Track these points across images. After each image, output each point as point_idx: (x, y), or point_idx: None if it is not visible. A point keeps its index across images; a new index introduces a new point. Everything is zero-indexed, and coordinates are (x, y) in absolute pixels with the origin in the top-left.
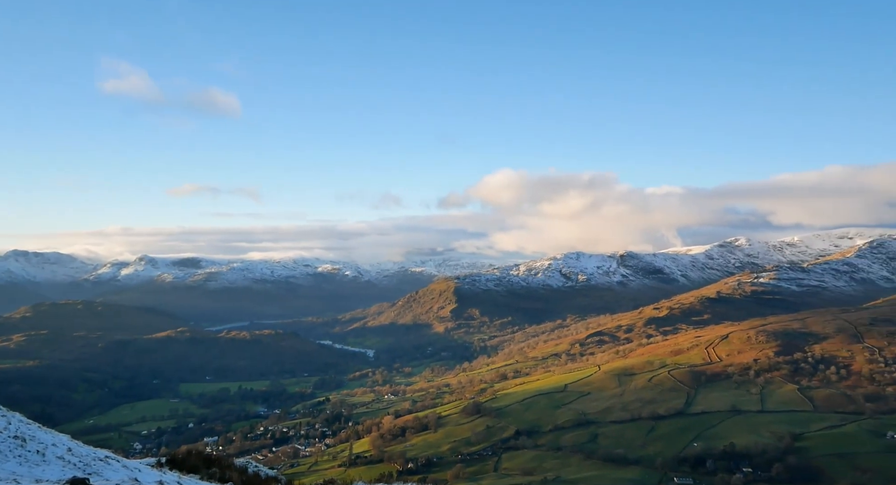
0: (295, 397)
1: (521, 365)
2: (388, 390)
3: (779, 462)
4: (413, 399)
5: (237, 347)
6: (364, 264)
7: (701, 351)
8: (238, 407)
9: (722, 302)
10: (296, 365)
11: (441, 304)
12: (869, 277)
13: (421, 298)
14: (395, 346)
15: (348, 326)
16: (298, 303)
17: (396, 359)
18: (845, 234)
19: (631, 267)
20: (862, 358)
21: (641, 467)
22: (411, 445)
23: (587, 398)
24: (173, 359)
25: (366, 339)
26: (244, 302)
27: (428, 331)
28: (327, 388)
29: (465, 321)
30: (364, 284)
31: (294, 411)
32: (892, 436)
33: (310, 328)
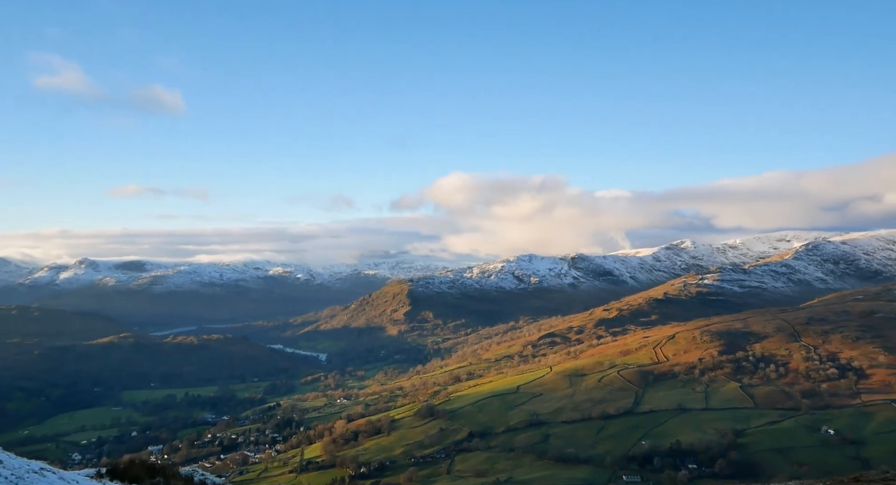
0: (245, 402)
1: (474, 367)
2: (341, 393)
3: (722, 458)
4: (366, 403)
5: (184, 352)
6: (316, 267)
7: (649, 351)
8: (185, 414)
9: (669, 303)
10: (245, 370)
11: (395, 306)
12: (805, 279)
13: (374, 300)
14: (348, 349)
15: (300, 330)
16: (249, 307)
17: (349, 362)
18: (783, 236)
19: (582, 269)
20: (799, 356)
21: (592, 466)
22: (364, 449)
23: (539, 399)
24: (116, 365)
25: (318, 342)
26: (192, 306)
27: (381, 334)
28: (278, 393)
29: (418, 324)
30: (316, 287)
31: (243, 417)
32: (825, 430)
33: (260, 332)
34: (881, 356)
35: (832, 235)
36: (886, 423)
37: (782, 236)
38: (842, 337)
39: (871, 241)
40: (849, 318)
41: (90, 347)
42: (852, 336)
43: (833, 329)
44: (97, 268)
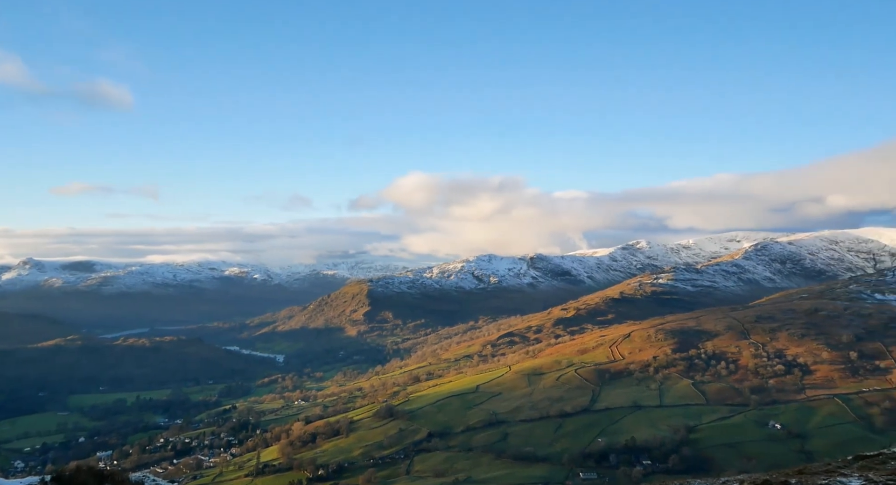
0: (199, 405)
1: (434, 367)
2: (299, 395)
3: (675, 454)
4: (324, 404)
5: (135, 354)
6: (274, 267)
7: (605, 350)
8: (136, 418)
9: (625, 302)
10: (200, 372)
11: (354, 307)
12: (754, 278)
13: (333, 301)
14: (307, 350)
15: (257, 331)
16: (204, 308)
17: (307, 364)
18: (734, 237)
19: (540, 269)
20: (748, 353)
21: (549, 464)
22: (322, 451)
23: (498, 398)
24: (62, 369)
25: (275, 344)
26: (144, 308)
27: (340, 334)
28: (234, 395)
29: (378, 324)
30: (274, 287)
31: (198, 420)
32: (773, 425)
33: (216, 334)
34: (824, 353)
35: (779, 235)
36: (829, 417)
37: (732, 237)
38: (788, 334)
39: (816, 241)
40: (794, 316)
41: (34, 350)
42: (798, 333)
43: (780, 327)
44: (42, 268)
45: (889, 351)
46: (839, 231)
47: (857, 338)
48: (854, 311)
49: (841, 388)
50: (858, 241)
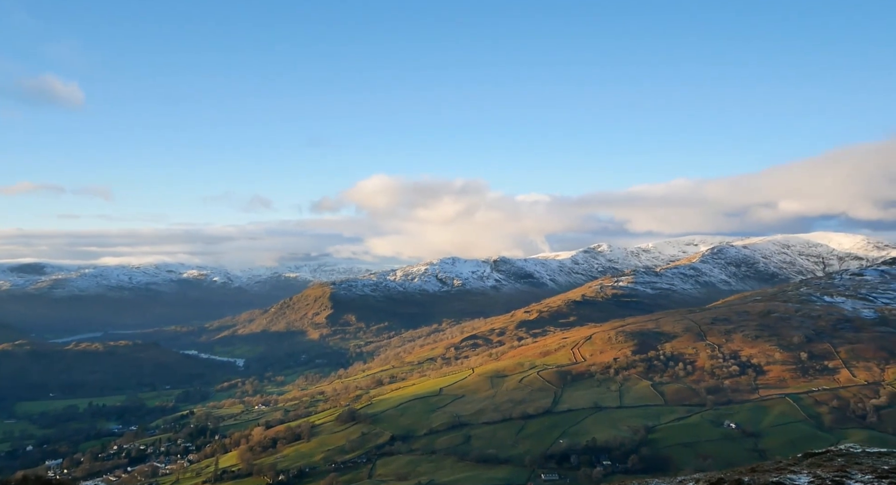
0: (155, 411)
1: (397, 370)
2: (259, 400)
3: (634, 454)
4: (285, 409)
5: (88, 359)
6: (234, 270)
7: (567, 352)
8: (88, 425)
9: (586, 305)
10: (156, 377)
11: (316, 310)
12: (711, 281)
13: (295, 304)
14: (268, 354)
15: (216, 335)
16: (161, 311)
17: (268, 367)
18: (691, 241)
19: (504, 272)
20: (705, 354)
21: (512, 466)
22: (283, 456)
23: (461, 401)
24: (9, 375)
25: (235, 347)
26: (97, 311)
27: (302, 338)
28: (192, 400)
29: (341, 327)
30: (234, 290)
31: (153, 426)
32: (728, 424)
33: (173, 338)
34: (777, 353)
35: (734, 239)
36: (781, 416)
37: (690, 241)
38: (742, 336)
39: (769, 245)
40: (749, 318)
41: None
42: (752, 335)
43: (735, 328)
44: None
45: (837, 351)
46: (791, 235)
47: (808, 339)
48: (804, 313)
49: (792, 387)
50: (809, 245)
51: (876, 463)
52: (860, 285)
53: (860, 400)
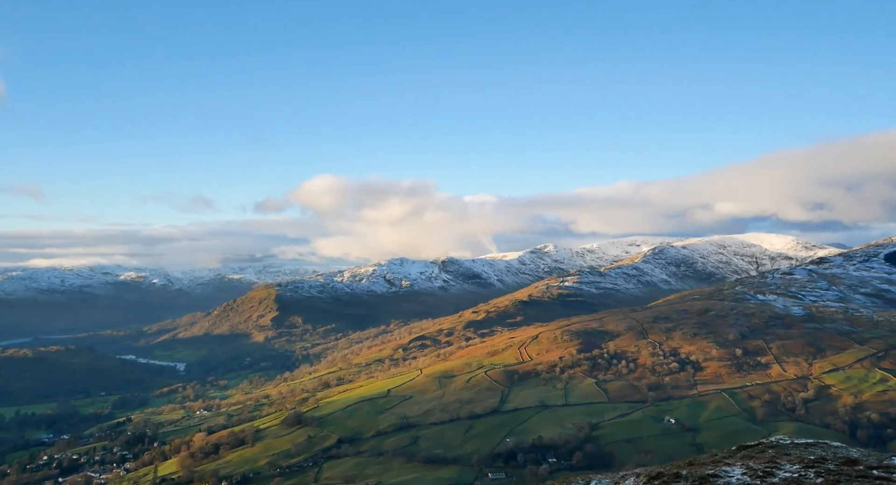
0: (89, 419)
1: (344, 372)
2: (201, 405)
3: (579, 451)
4: (229, 413)
5: (15, 366)
6: (175, 272)
7: (514, 351)
8: (15, 435)
9: (533, 305)
10: (91, 384)
11: (261, 312)
12: (652, 280)
13: (239, 306)
14: (210, 357)
15: (156, 339)
16: (96, 315)
17: (211, 372)
18: (634, 242)
19: (452, 272)
20: (646, 352)
21: (459, 466)
22: (225, 462)
23: (409, 402)
24: None
25: (176, 351)
26: (27, 316)
27: (247, 341)
28: (129, 407)
29: (286, 329)
30: (175, 292)
31: (87, 435)
32: (667, 420)
33: (110, 342)
34: (713, 350)
35: (674, 240)
36: (717, 411)
37: (633, 241)
38: (682, 334)
39: (706, 246)
40: (687, 316)
41: None
42: (690, 333)
43: (675, 327)
44: None
45: (769, 348)
46: (727, 236)
47: (742, 336)
48: (739, 311)
49: (728, 383)
50: (743, 245)
51: (803, 454)
52: (790, 284)
53: (790, 394)
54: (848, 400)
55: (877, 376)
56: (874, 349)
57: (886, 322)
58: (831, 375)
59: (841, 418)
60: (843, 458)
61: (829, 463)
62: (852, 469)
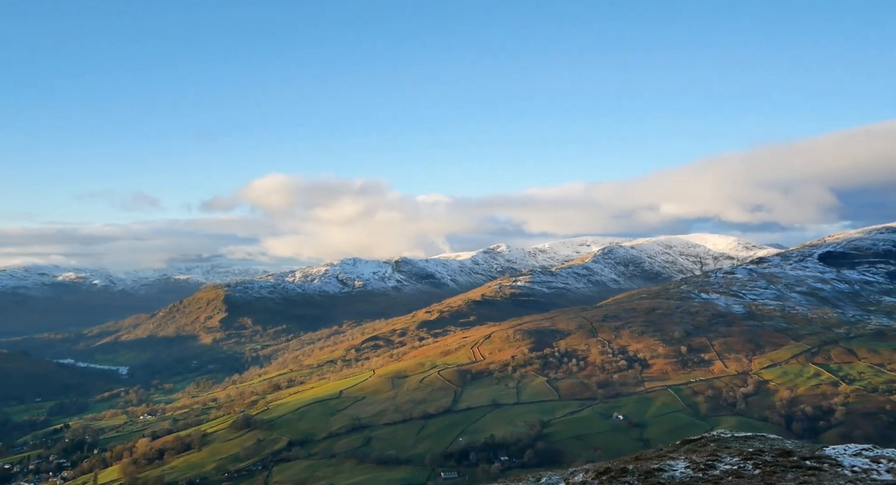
0: (23, 426)
1: (295, 374)
2: (145, 409)
3: (530, 448)
4: (174, 418)
5: None
6: (117, 272)
7: (467, 351)
8: None
9: (486, 304)
10: (25, 389)
11: (209, 313)
12: (602, 280)
13: (186, 307)
14: (155, 360)
15: (96, 342)
16: (31, 318)
17: (156, 375)
18: (584, 242)
19: (405, 272)
20: (596, 350)
21: (412, 466)
22: (171, 468)
23: (362, 403)
24: None
25: (118, 355)
26: None
27: (194, 343)
28: (67, 413)
29: (236, 331)
30: (117, 294)
31: (21, 443)
32: (616, 417)
33: (46, 346)
34: (660, 348)
35: (623, 240)
36: (663, 406)
37: (583, 241)
38: (630, 332)
39: (653, 246)
40: (635, 314)
41: None
42: (638, 331)
43: (623, 325)
44: None
45: (712, 345)
46: (672, 236)
47: (687, 333)
48: (684, 309)
49: (673, 379)
50: (688, 245)
51: (742, 447)
52: (732, 283)
53: (731, 389)
54: (784, 394)
55: (811, 371)
56: (808, 345)
57: (820, 319)
58: (769, 370)
59: (778, 411)
60: (779, 450)
61: (765, 455)
62: (787, 460)
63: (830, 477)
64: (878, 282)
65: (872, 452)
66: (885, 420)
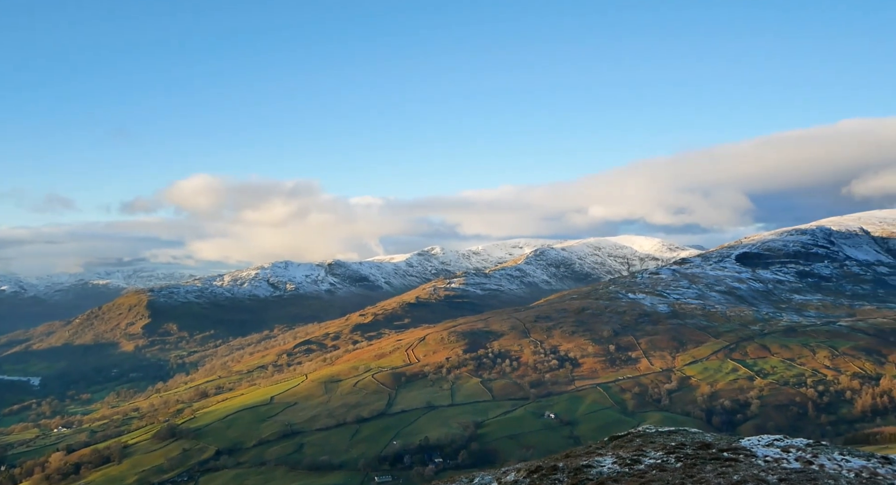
0: None
1: (224, 380)
2: (60, 422)
3: (464, 449)
4: (92, 430)
5: None
6: (28, 277)
7: (402, 353)
8: None
9: (420, 306)
10: None
11: (131, 319)
12: (534, 281)
13: (105, 313)
14: (71, 370)
15: (5, 351)
16: None
17: (72, 385)
18: (517, 244)
19: (339, 275)
20: (529, 351)
21: (345, 471)
22: (87, 482)
23: (294, 408)
24: None
25: (30, 365)
26: None
27: (114, 350)
28: None
29: (160, 338)
30: (28, 300)
31: None
32: (548, 415)
33: None
34: (590, 347)
35: (554, 242)
36: (593, 404)
37: (516, 243)
38: (561, 332)
39: (583, 247)
40: (566, 315)
41: None
42: (569, 331)
43: (555, 325)
44: None
45: (639, 343)
46: (601, 238)
47: (615, 333)
48: (613, 309)
49: (602, 377)
50: (616, 247)
51: (666, 441)
52: (657, 283)
53: (656, 386)
54: (705, 389)
55: (729, 366)
56: (727, 342)
57: (737, 317)
58: (691, 366)
59: (699, 405)
60: (700, 443)
61: (687, 448)
62: (707, 453)
63: (745, 467)
64: (788, 281)
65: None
66: (795, 411)
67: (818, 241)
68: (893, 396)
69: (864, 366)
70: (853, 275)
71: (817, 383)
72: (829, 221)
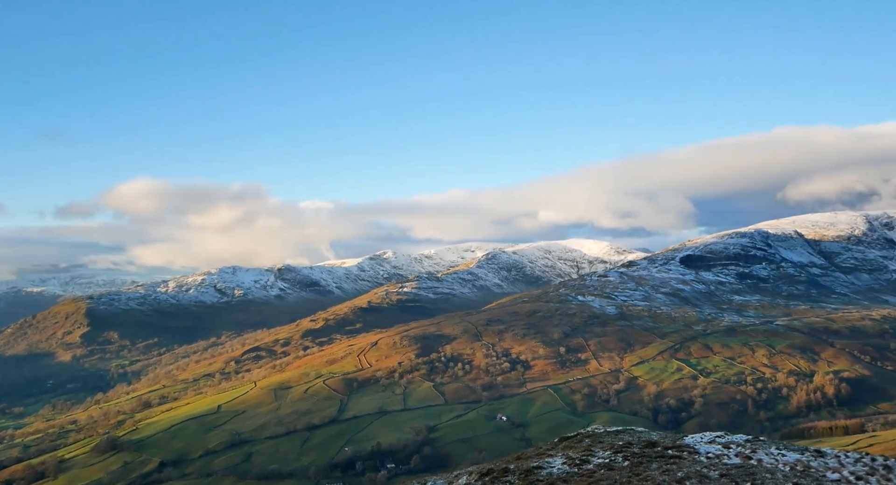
0: None
1: (169, 390)
2: None
3: (417, 454)
4: (25, 444)
5: None
6: None
7: (354, 359)
8: None
9: (372, 311)
10: None
11: (68, 328)
12: (486, 284)
13: (40, 322)
14: (2, 382)
15: None
16: None
17: (3, 398)
18: (469, 247)
19: (289, 280)
20: (481, 354)
21: (295, 480)
22: None
23: (242, 417)
24: None
25: None
26: None
27: (50, 361)
28: None
29: (100, 346)
30: None
31: None
32: (500, 418)
33: None
34: (541, 349)
35: (506, 245)
36: (544, 406)
37: (468, 247)
38: (513, 335)
39: (534, 251)
40: (518, 318)
41: None
42: (520, 333)
43: (506, 328)
44: None
45: (588, 344)
46: (552, 242)
47: (565, 334)
48: (563, 311)
49: (553, 379)
50: (566, 250)
51: (614, 440)
52: (605, 285)
53: (605, 386)
54: (651, 389)
55: (674, 366)
56: (672, 342)
57: (682, 318)
58: (638, 367)
59: (646, 405)
60: (646, 441)
61: (634, 447)
62: (652, 451)
63: (689, 464)
64: (729, 282)
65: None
66: (736, 409)
67: (756, 243)
68: (826, 392)
69: (800, 363)
70: (788, 276)
71: (756, 380)
72: (766, 224)
